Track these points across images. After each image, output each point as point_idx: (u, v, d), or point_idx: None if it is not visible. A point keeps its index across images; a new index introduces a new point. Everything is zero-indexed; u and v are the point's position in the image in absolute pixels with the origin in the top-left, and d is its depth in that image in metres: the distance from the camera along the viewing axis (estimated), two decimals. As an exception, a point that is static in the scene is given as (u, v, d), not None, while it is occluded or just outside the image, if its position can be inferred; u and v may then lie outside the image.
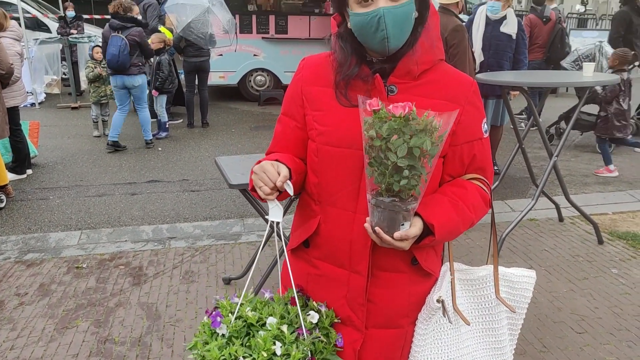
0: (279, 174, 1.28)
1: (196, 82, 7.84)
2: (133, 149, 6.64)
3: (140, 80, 6.40)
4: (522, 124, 7.35)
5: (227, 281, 3.54)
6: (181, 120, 8.12)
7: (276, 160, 1.35)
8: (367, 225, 1.27)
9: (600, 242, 4.16)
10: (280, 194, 1.32)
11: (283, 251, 1.41)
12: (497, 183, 4.65)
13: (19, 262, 3.83)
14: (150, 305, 3.28)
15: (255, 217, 4.46)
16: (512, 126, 4.52)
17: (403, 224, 1.24)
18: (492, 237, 1.55)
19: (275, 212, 1.33)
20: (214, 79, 9.04)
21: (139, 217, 4.60)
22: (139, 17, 6.46)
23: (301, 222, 1.50)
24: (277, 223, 1.33)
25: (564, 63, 6.72)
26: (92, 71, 6.88)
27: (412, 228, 1.26)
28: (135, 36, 6.20)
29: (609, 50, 6.43)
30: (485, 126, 1.44)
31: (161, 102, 7.20)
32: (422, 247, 1.34)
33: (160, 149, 6.70)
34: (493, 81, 3.91)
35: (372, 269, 1.39)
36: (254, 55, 9.45)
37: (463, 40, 4.35)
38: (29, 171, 5.60)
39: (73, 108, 9.07)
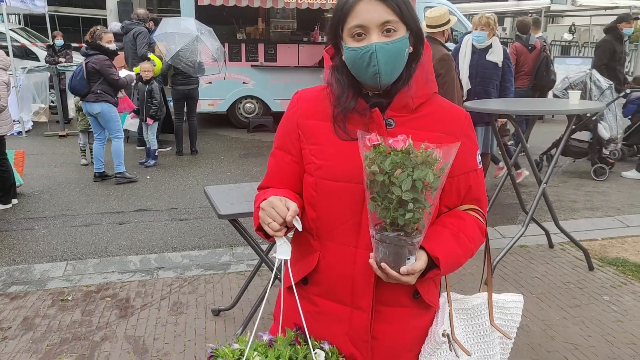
0: (288, 209, 1.26)
1: (185, 110, 7.85)
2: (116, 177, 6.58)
3: (99, 108, 6.16)
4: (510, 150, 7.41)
5: (217, 312, 3.48)
6: (170, 148, 8.08)
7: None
8: (371, 261, 1.26)
9: (591, 268, 4.16)
10: (287, 230, 1.30)
11: (290, 291, 1.38)
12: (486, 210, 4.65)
13: (2, 295, 3.74)
14: (137, 338, 3.20)
15: (245, 247, 4.42)
16: (500, 152, 4.56)
17: (409, 258, 1.24)
18: (487, 265, 1.57)
19: (284, 249, 1.29)
20: (203, 106, 9.07)
21: (127, 247, 4.53)
22: (109, 46, 6.21)
23: (298, 259, 1.46)
24: (286, 261, 1.29)
25: (555, 91, 6.85)
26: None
27: (418, 262, 1.25)
28: (95, 63, 6.08)
29: (599, 77, 6.54)
30: (479, 157, 1.46)
31: (152, 129, 7.17)
32: (425, 280, 1.33)
33: (148, 177, 6.66)
34: (482, 109, 3.94)
35: (375, 305, 1.37)
36: (243, 82, 9.50)
37: (450, 70, 4.40)
38: (15, 201, 5.53)
39: (60, 136, 9.01)
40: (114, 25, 9.60)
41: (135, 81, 7.15)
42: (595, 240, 4.79)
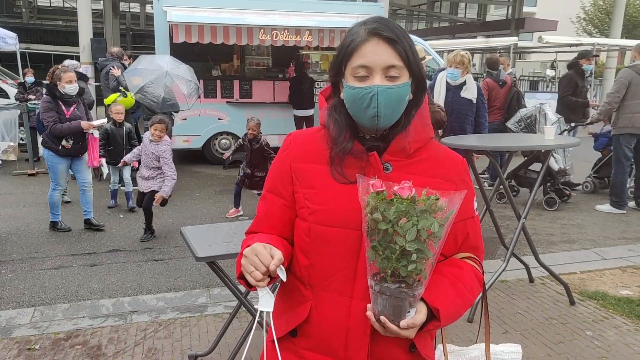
0: (272, 257, 1.20)
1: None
2: (94, 217, 6.39)
3: (42, 152, 5.72)
4: (485, 184, 7.50)
5: (194, 358, 3.33)
6: (144, 186, 7.90)
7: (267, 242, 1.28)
8: (369, 313, 1.20)
9: (572, 303, 4.14)
10: (271, 280, 1.23)
11: (274, 345, 1.28)
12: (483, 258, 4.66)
13: (-36, 345, 3.53)
14: (109, 389, 3.04)
15: (222, 287, 4.29)
16: (477, 186, 4.58)
17: (409, 311, 1.18)
18: (484, 316, 1.52)
19: (266, 300, 1.22)
20: (177, 142, 8.98)
21: (99, 290, 4.35)
22: (66, 86, 5.50)
23: (286, 309, 1.38)
24: (268, 313, 1.22)
25: (508, 124, 7.04)
26: None
27: (418, 315, 1.20)
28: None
29: (548, 113, 6.77)
30: (476, 204, 1.43)
31: (129, 170, 6.96)
32: (423, 332, 1.26)
33: (122, 216, 6.49)
34: (460, 145, 3.97)
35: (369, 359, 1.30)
36: (219, 119, 9.47)
37: (427, 104, 4.51)
38: (-20, 243, 5.31)
39: (30, 175, 8.78)
40: (68, 62, 9.43)
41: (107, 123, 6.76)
42: (574, 274, 4.80)
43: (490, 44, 16.19)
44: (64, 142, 5.56)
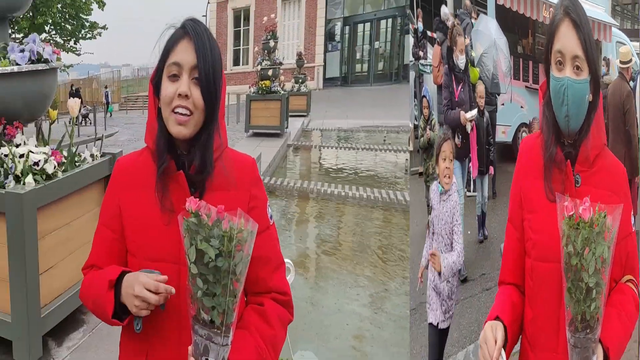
0: (496, 342, 1.10)
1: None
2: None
3: None
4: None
5: None
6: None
7: (496, 317, 1.18)
8: None
9: None
10: None
11: None
12: None
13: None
14: None
15: None
16: None
17: None
18: None
19: None
20: (497, 134, 7.26)
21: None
22: (455, 54, 4.15)
23: None
24: None
25: None
26: (423, 136, 5.34)
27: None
28: None
29: None
30: (633, 218, 1.29)
31: (486, 185, 5.21)
32: None
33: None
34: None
35: None
36: (521, 107, 7.80)
37: (632, 106, 4.74)
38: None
39: (419, 174, 7.72)
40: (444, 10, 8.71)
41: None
42: None
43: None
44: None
